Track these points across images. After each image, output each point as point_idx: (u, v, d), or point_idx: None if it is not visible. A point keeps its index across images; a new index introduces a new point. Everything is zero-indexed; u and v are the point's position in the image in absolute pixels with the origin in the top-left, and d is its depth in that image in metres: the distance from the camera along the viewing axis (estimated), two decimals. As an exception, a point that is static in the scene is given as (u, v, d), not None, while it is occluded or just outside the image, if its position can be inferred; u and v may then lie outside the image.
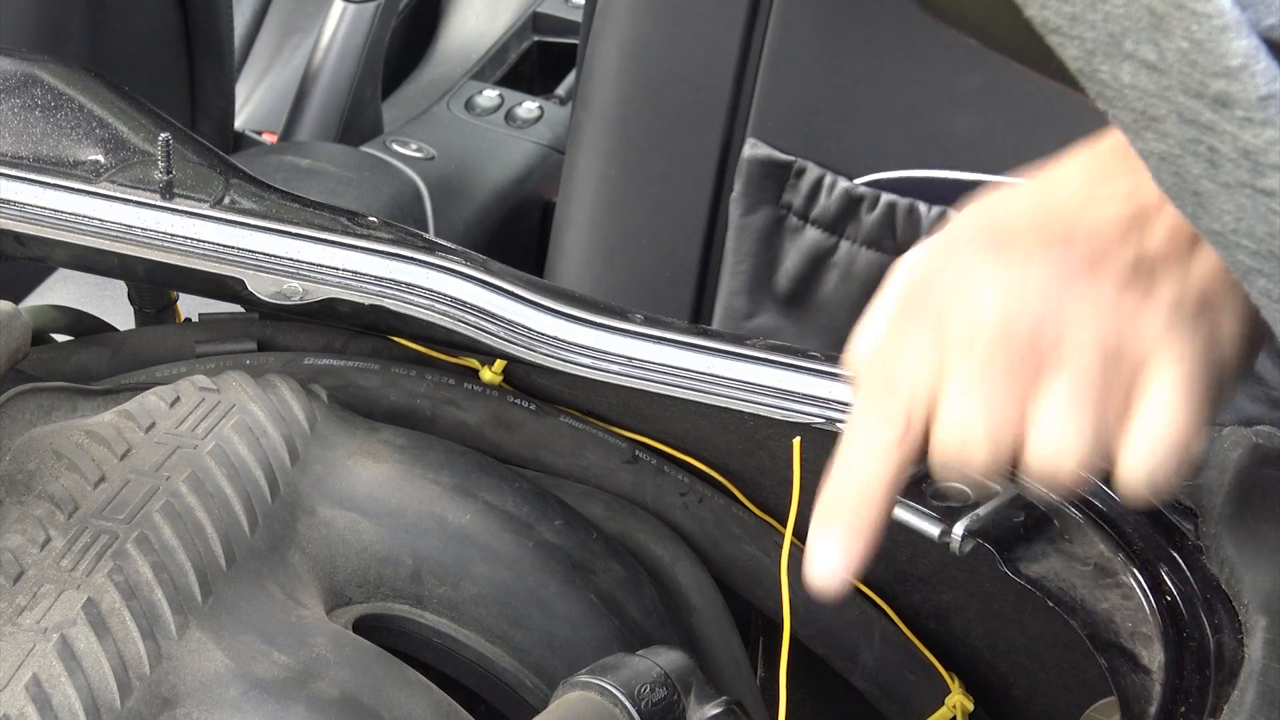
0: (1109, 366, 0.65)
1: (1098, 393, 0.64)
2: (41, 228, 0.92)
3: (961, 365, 0.66)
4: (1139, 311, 0.65)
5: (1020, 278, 0.65)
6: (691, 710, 0.71)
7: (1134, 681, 0.68)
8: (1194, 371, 0.65)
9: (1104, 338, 0.65)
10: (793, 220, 1.44)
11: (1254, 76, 0.40)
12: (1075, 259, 0.65)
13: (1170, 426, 0.64)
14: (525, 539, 0.82)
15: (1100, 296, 0.65)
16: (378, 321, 0.92)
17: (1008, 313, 0.65)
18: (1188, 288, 0.65)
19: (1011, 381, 0.65)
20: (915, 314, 0.68)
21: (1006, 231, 0.67)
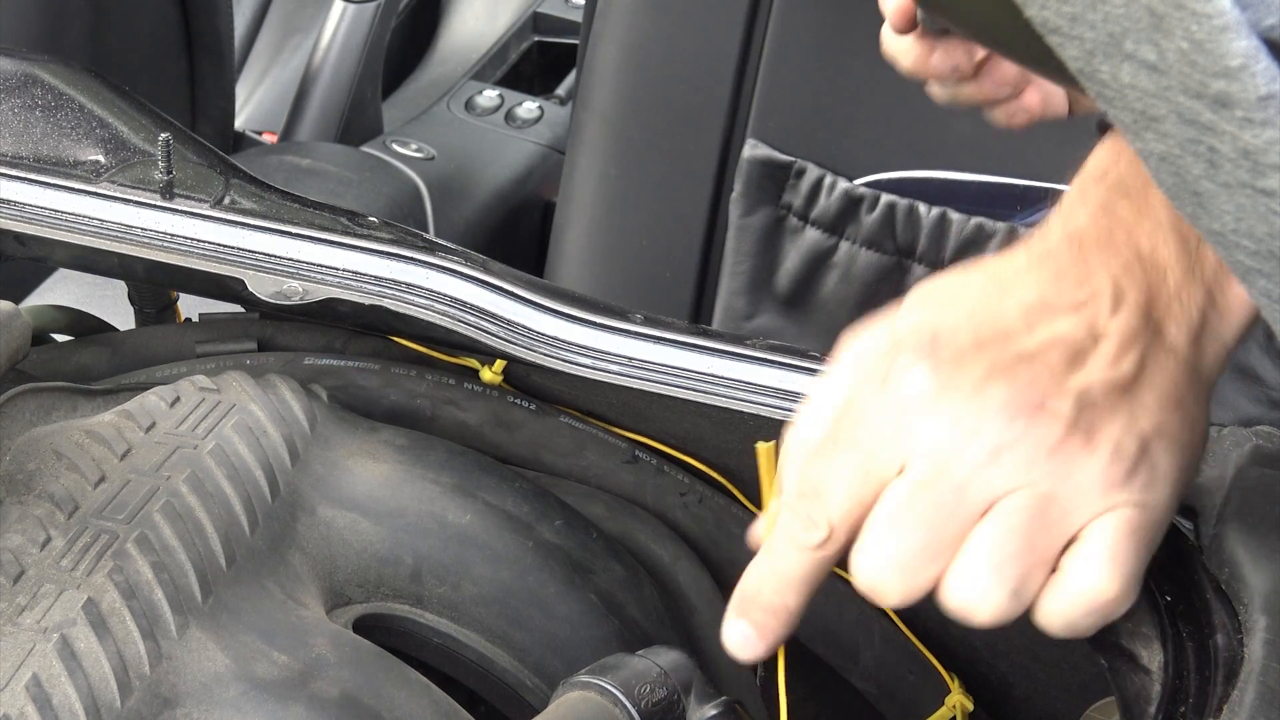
0: (1040, 518, 0.63)
1: (1024, 545, 0.63)
2: (42, 228, 0.93)
3: (888, 499, 0.65)
4: (1077, 461, 0.63)
5: (958, 418, 0.64)
6: (691, 710, 0.71)
7: (1134, 681, 0.68)
8: (1128, 529, 0.64)
9: (1038, 489, 0.63)
10: (793, 221, 1.44)
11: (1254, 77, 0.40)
12: (1018, 399, 0.64)
13: (1094, 590, 0.64)
14: (525, 539, 0.82)
15: (1039, 444, 0.63)
16: (378, 321, 0.92)
17: (939, 455, 0.64)
18: (1129, 432, 0.64)
19: (935, 525, 0.64)
20: (850, 430, 0.66)
21: (952, 350, 0.65)
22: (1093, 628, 0.65)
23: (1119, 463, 0.64)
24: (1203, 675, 0.66)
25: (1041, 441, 0.63)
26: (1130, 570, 0.64)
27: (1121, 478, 0.64)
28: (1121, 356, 0.65)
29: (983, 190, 1.40)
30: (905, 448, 0.65)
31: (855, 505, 0.66)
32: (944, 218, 1.38)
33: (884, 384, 0.66)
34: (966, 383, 0.64)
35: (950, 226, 1.38)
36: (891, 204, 1.40)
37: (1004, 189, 1.39)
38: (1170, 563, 0.71)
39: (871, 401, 0.66)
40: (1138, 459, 0.64)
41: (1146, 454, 0.64)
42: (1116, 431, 0.64)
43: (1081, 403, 0.64)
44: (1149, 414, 0.65)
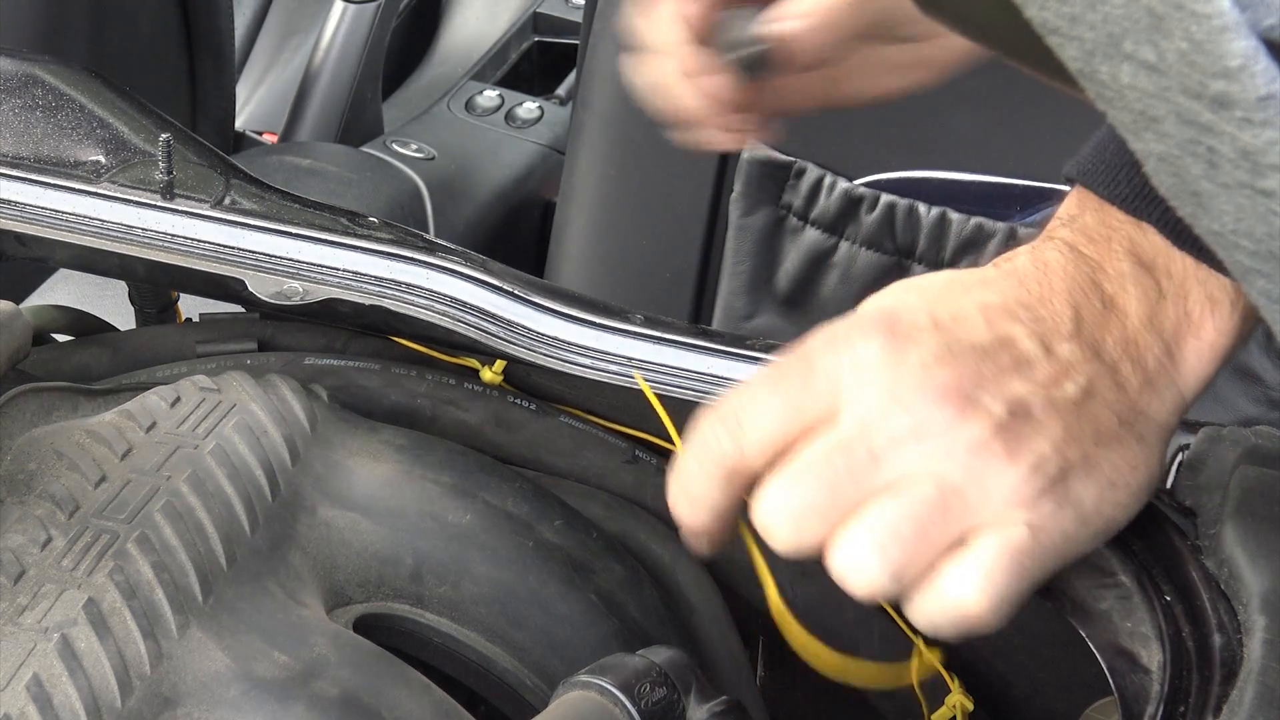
0: (939, 509, 0.64)
1: (914, 531, 0.64)
2: (42, 228, 0.93)
3: (806, 448, 0.66)
4: (993, 466, 0.64)
5: (894, 389, 0.65)
6: (691, 710, 0.71)
7: (1134, 681, 0.68)
8: (1014, 550, 0.64)
9: (948, 481, 0.64)
10: (792, 221, 1.44)
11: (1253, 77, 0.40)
12: (956, 387, 0.64)
13: (960, 602, 0.64)
14: (525, 539, 0.82)
15: (962, 439, 0.64)
16: (378, 321, 0.92)
17: (866, 419, 0.65)
18: (1054, 454, 0.65)
19: (838, 486, 0.65)
20: (794, 371, 0.67)
21: (908, 327, 0.66)
22: (955, 636, 0.66)
23: (1033, 480, 0.64)
24: (1202, 675, 0.66)
25: (965, 435, 0.64)
26: (1002, 593, 0.64)
27: (1031, 496, 0.64)
28: (1066, 378, 0.66)
29: (983, 190, 1.40)
30: (839, 402, 0.66)
31: (776, 436, 0.66)
32: (944, 218, 1.38)
33: (837, 344, 0.67)
34: (913, 358, 0.65)
35: (950, 226, 1.38)
36: (891, 204, 1.40)
37: (1004, 189, 1.39)
38: (1170, 563, 0.71)
39: (822, 355, 0.67)
40: (1054, 482, 0.64)
41: (1065, 481, 0.65)
42: (1042, 449, 0.64)
43: (1015, 409, 0.65)
44: (1080, 444, 0.65)
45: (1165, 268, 0.69)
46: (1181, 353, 0.69)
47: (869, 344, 0.66)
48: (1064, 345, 0.67)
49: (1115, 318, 0.68)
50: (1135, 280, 0.69)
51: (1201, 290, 0.69)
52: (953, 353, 0.65)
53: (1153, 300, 0.69)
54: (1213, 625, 0.67)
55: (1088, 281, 0.69)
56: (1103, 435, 0.66)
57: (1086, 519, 0.65)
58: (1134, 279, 0.69)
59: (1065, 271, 0.69)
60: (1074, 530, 0.65)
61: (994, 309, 0.67)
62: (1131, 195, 0.69)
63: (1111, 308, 0.69)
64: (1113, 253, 0.69)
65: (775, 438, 0.66)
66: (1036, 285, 0.68)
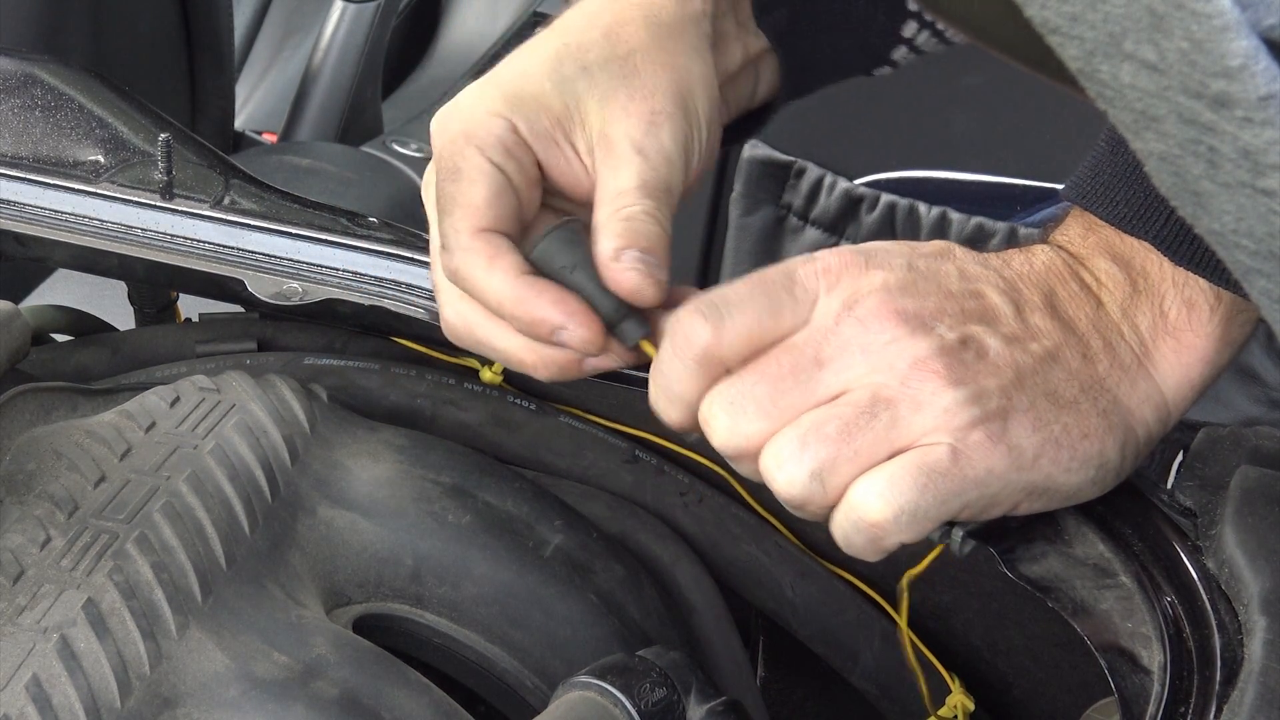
0: (866, 415, 0.65)
1: (838, 432, 0.65)
2: (41, 228, 0.92)
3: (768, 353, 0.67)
4: (930, 385, 0.65)
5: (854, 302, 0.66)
6: (691, 710, 0.71)
7: (1134, 682, 0.68)
8: (929, 465, 0.65)
9: (883, 393, 0.65)
10: (793, 220, 1.44)
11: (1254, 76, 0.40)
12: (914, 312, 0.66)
13: (863, 506, 0.65)
14: (525, 539, 0.82)
15: (907, 352, 0.65)
16: (378, 321, 0.92)
17: (820, 326, 0.67)
18: (1000, 393, 0.66)
19: (780, 385, 0.66)
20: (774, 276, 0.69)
21: (882, 258, 0.68)
22: (865, 550, 0.66)
23: (968, 408, 0.65)
24: (1203, 676, 0.66)
25: (910, 351, 0.65)
26: (905, 504, 0.64)
27: (964, 422, 0.65)
28: (1032, 339, 0.68)
29: (983, 190, 1.40)
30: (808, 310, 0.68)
31: (750, 331, 0.67)
32: (944, 218, 1.38)
33: (815, 259, 0.69)
34: (878, 279, 0.67)
35: (950, 226, 1.38)
36: (892, 204, 1.40)
37: (1004, 189, 1.39)
38: (1171, 563, 0.71)
39: (801, 265, 0.69)
40: (990, 417, 0.65)
41: (1005, 420, 0.66)
42: (986, 384, 0.66)
43: (969, 344, 0.66)
44: (1030, 395, 0.67)
45: (1141, 267, 0.71)
46: (1159, 350, 0.70)
47: (841, 265, 0.68)
48: (1035, 314, 0.69)
49: (1090, 302, 0.70)
50: (1110, 275, 0.71)
51: (1179, 293, 0.70)
52: (919, 286, 0.67)
53: (1127, 294, 0.71)
54: (1213, 626, 0.67)
55: (1067, 269, 0.71)
56: (1059, 396, 0.67)
57: (1021, 465, 0.66)
58: (1109, 274, 0.71)
59: (1047, 258, 0.71)
60: (1003, 470, 0.66)
61: (972, 271, 0.69)
62: (1129, 215, 0.70)
63: (1087, 293, 0.71)
64: (1090, 250, 0.72)
65: (748, 330, 0.67)
66: (1019, 265, 0.71)
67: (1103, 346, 0.69)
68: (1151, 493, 0.73)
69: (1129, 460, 0.70)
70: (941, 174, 1.40)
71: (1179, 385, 0.70)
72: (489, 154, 0.75)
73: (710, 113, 0.79)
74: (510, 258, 0.74)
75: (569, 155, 0.77)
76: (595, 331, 0.73)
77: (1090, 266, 0.71)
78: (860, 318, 0.66)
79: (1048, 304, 0.69)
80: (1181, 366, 0.70)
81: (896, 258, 0.68)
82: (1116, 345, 0.70)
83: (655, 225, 0.75)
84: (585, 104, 0.76)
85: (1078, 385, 0.68)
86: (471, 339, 0.77)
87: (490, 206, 0.74)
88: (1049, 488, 0.68)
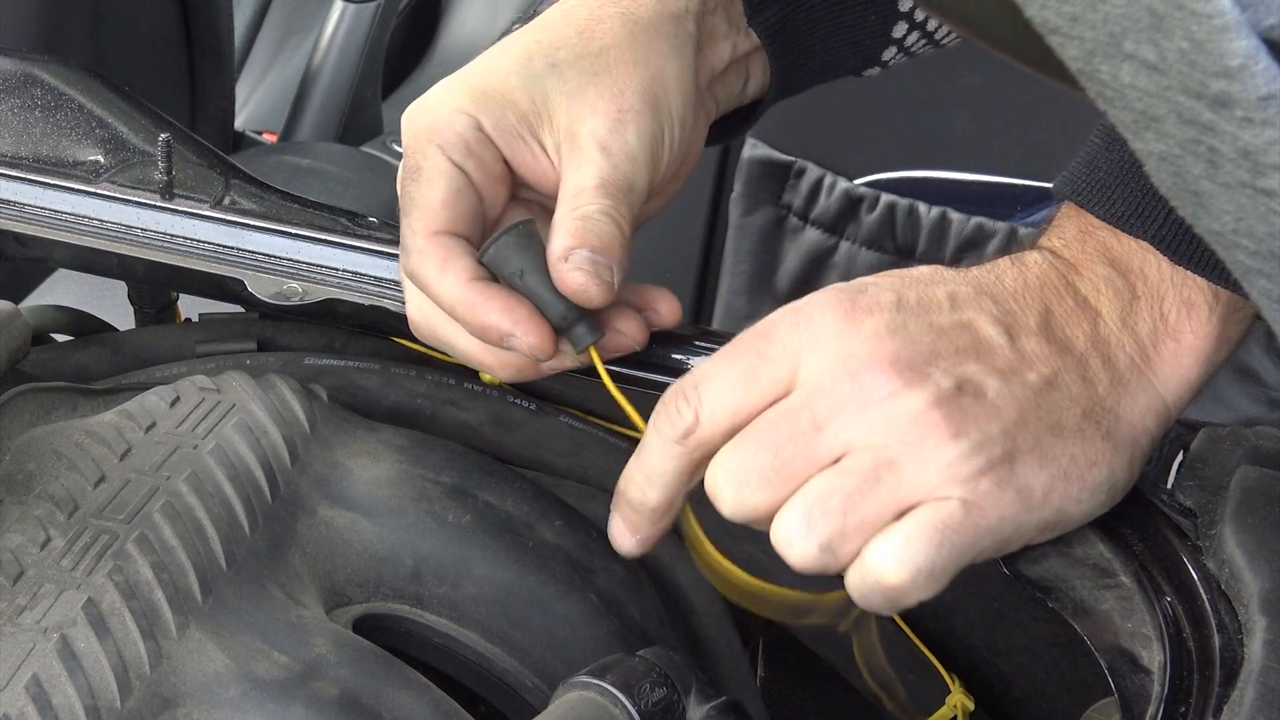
0: (870, 482, 0.64)
1: (844, 505, 0.64)
2: (41, 228, 0.92)
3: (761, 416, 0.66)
4: (932, 439, 0.64)
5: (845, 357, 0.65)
6: (691, 710, 0.71)
7: (1134, 682, 0.68)
8: (941, 523, 0.64)
9: (884, 454, 0.64)
10: (793, 220, 1.44)
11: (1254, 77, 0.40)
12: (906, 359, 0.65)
13: (880, 571, 0.64)
14: (525, 539, 0.82)
15: (904, 409, 0.64)
16: (378, 321, 0.92)
17: (814, 386, 0.65)
18: (1003, 437, 0.65)
19: (782, 454, 0.65)
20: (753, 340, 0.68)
21: (869, 302, 0.67)
22: (883, 608, 0.66)
23: (974, 459, 0.64)
24: (1203, 676, 0.66)
25: (907, 405, 0.64)
26: (921, 565, 0.64)
27: (970, 473, 0.64)
28: (1028, 368, 0.67)
29: (983, 190, 1.40)
30: (794, 371, 0.66)
31: (732, 407, 0.67)
32: (944, 218, 1.38)
33: (796, 315, 0.67)
34: (868, 329, 0.66)
35: (950, 226, 1.38)
36: (891, 204, 1.40)
37: (1004, 189, 1.39)
38: (1171, 563, 0.71)
39: (782, 321, 0.68)
40: (997, 463, 0.64)
41: (1011, 464, 0.65)
42: (989, 429, 0.65)
43: (965, 387, 0.65)
44: (1033, 431, 0.65)
45: (1140, 270, 0.69)
46: (1159, 355, 0.69)
47: (825, 315, 0.66)
48: (1030, 339, 0.67)
49: (1087, 316, 0.69)
50: (1109, 282, 0.70)
51: (1177, 294, 0.69)
52: (908, 328, 0.66)
53: (1126, 301, 0.69)
54: (1213, 626, 0.67)
55: (1062, 281, 0.70)
56: (1062, 426, 0.66)
57: (1032, 505, 0.65)
58: (1107, 280, 0.70)
59: (1041, 271, 0.70)
60: (1015, 514, 0.65)
61: (962, 297, 0.68)
62: (1127, 214, 0.69)
63: (1084, 307, 0.69)
64: (1088, 255, 0.70)
65: (730, 406, 0.67)
66: (1011, 281, 0.69)
67: (1102, 365, 0.68)
68: (1151, 493, 0.73)
69: (1136, 472, 0.70)
70: (941, 174, 1.40)
71: (1178, 386, 0.70)
72: (449, 153, 0.75)
73: (684, 112, 0.79)
74: (462, 262, 0.74)
75: (536, 152, 0.77)
76: (543, 338, 0.73)
77: (1087, 274, 0.70)
78: (853, 372, 0.65)
79: (1043, 326, 0.68)
80: (1181, 368, 0.70)
81: (885, 293, 0.67)
82: (1116, 359, 0.69)
83: (610, 224, 0.74)
84: (553, 101, 0.76)
85: (1079, 411, 0.67)
86: (434, 338, 0.78)
87: (446, 208, 0.74)
88: (1061, 520, 0.67)
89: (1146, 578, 0.71)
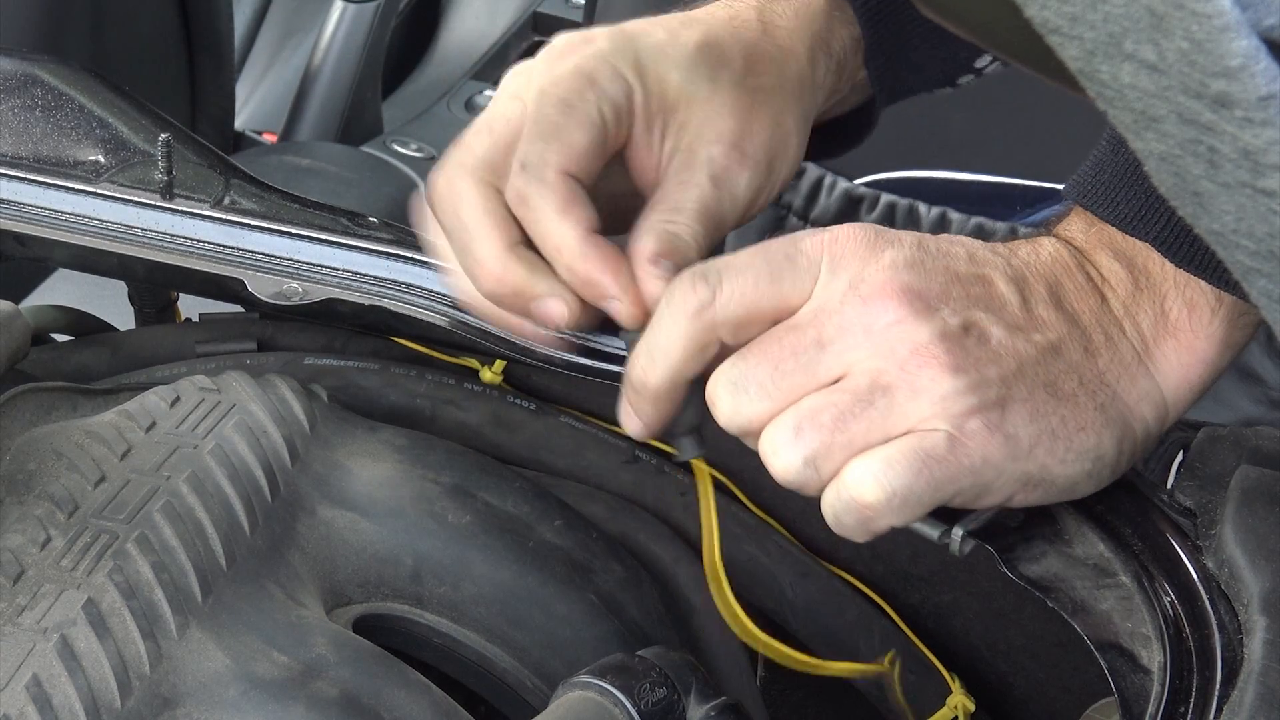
0: (864, 402, 0.65)
1: (834, 419, 0.65)
2: (41, 228, 0.92)
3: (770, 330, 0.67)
4: (929, 371, 0.65)
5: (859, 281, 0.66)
6: (691, 710, 0.71)
7: (1134, 682, 0.68)
8: (924, 451, 0.65)
9: (880, 378, 0.65)
10: (793, 220, 1.44)
11: (1254, 77, 0.40)
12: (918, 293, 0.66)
13: (855, 486, 0.65)
14: (525, 539, 0.82)
15: (906, 338, 0.65)
16: (378, 321, 0.92)
17: (824, 305, 0.66)
18: (999, 382, 0.66)
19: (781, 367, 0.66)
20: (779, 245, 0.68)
21: (891, 238, 0.68)
22: (854, 531, 0.67)
23: (968, 396, 0.65)
24: (1203, 675, 0.66)
25: (910, 335, 0.65)
26: (897, 487, 0.65)
27: (962, 410, 0.65)
28: (1035, 330, 0.68)
29: (983, 190, 1.40)
30: (813, 283, 0.67)
31: (750, 296, 0.67)
32: (944, 218, 1.38)
33: (826, 232, 0.68)
34: (887, 259, 0.67)
35: (950, 226, 1.38)
36: (891, 204, 1.40)
37: (1004, 189, 1.39)
38: (1171, 563, 0.71)
39: (809, 237, 0.68)
40: (989, 406, 0.65)
41: (1003, 410, 0.66)
42: (987, 373, 0.66)
43: (970, 329, 0.66)
44: (1030, 385, 0.67)
45: (1144, 266, 0.71)
46: (1160, 350, 0.70)
47: (850, 240, 0.67)
48: (1040, 305, 0.69)
49: (1095, 296, 0.70)
50: (1113, 272, 0.71)
51: (1180, 293, 0.70)
52: (925, 265, 0.67)
53: (1130, 292, 0.71)
54: (1213, 626, 0.67)
55: (1073, 262, 0.71)
56: (1058, 389, 0.67)
57: (1017, 454, 0.66)
58: (1112, 270, 0.71)
59: (1054, 250, 0.71)
60: (999, 459, 0.66)
61: (980, 254, 0.69)
62: (1130, 216, 0.70)
63: (1093, 286, 0.71)
64: (1095, 246, 0.72)
65: (749, 296, 0.67)
66: (1025, 254, 0.70)
67: (1104, 341, 0.69)
68: (1151, 493, 0.73)
69: (1125, 457, 0.70)
70: (941, 174, 1.40)
71: (1178, 386, 0.70)
72: (604, 108, 0.76)
73: (788, 172, 0.81)
74: (585, 210, 0.74)
75: (654, 141, 0.78)
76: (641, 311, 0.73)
77: (1094, 261, 0.71)
78: (864, 296, 0.66)
79: (1053, 296, 0.69)
80: (1181, 367, 0.70)
81: (907, 234, 0.69)
82: (1118, 341, 0.70)
83: (694, 252, 0.75)
84: (695, 107, 0.78)
85: (1077, 378, 0.68)
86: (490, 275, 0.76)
87: (587, 157, 0.75)
88: (1044, 479, 0.68)
89: (1146, 577, 0.71)
